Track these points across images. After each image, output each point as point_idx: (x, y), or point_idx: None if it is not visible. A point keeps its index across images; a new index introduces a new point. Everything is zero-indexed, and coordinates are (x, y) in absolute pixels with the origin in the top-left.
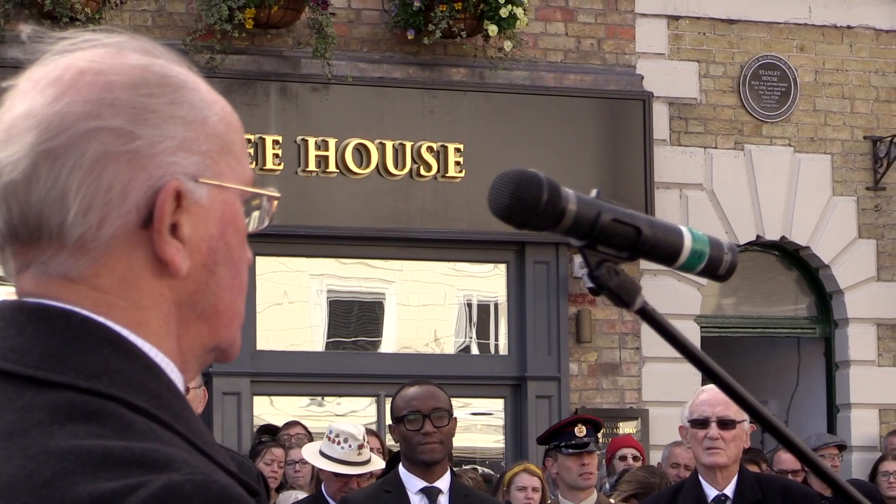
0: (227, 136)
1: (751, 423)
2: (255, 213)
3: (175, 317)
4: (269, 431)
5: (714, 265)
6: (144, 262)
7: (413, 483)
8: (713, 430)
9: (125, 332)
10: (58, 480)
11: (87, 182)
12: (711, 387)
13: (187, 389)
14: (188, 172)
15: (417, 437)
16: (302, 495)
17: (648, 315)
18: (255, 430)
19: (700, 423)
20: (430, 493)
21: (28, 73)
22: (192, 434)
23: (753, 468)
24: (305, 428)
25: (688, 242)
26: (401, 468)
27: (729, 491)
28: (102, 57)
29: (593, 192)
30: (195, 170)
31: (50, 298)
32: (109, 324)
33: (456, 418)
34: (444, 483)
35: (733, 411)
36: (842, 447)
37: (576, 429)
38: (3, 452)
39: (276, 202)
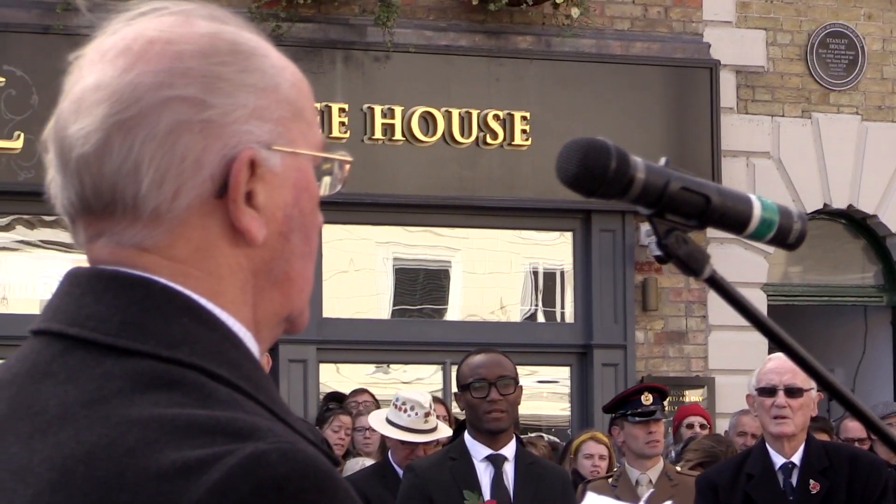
0: (299, 103)
1: (818, 391)
2: (327, 179)
3: (252, 286)
4: (336, 399)
5: (783, 234)
6: (220, 232)
7: (478, 451)
8: (780, 398)
9: (204, 302)
10: (141, 448)
11: (161, 153)
12: (779, 355)
13: None
14: (261, 140)
15: (483, 405)
16: (370, 462)
17: (717, 283)
18: (321, 397)
19: (767, 391)
20: (496, 461)
21: (95, 43)
22: (273, 404)
23: (823, 436)
24: (373, 395)
25: (757, 211)
26: (466, 436)
27: (796, 459)
28: (171, 26)
29: (662, 161)
30: (268, 138)
31: (126, 266)
32: (188, 292)
33: (522, 386)
34: (509, 451)
35: (801, 379)
36: None
37: (642, 397)
38: (83, 421)
39: (347, 166)
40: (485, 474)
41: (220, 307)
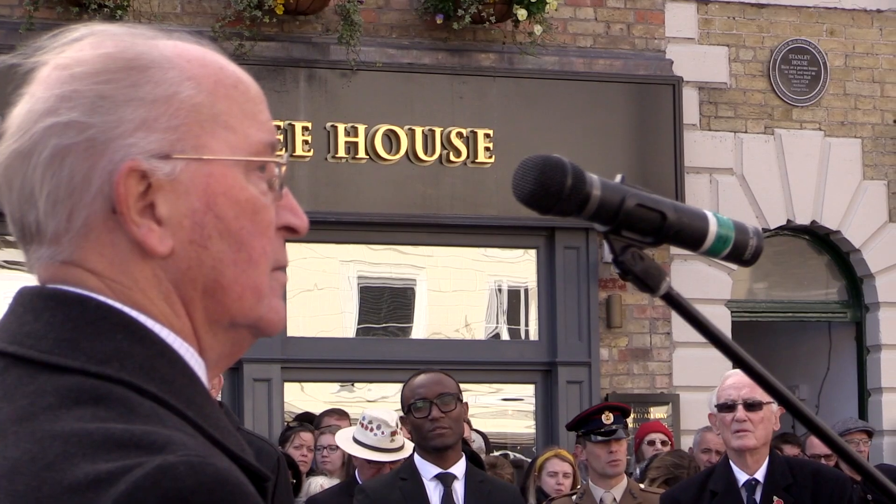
0: (214, 108)
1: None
2: (275, 180)
3: (178, 297)
4: (307, 419)
5: (739, 250)
6: (129, 246)
7: (428, 470)
8: (740, 412)
9: (140, 317)
10: (59, 463)
11: (49, 176)
12: (737, 371)
13: None
14: (148, 151)
15: (426, 424)
16: (327, 481)
17: (674, 300)
18: (285, 416)
19: (727, 407)
20: (445, 479)
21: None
22: (203, 419)
23: (794, 450)
24: (348, 416)
25: (713, 227)
26: (416, 456)
27: (759, 475)
28: (80, 49)
29: (618, 178)
30: (157, 147)
31: (64, 283)
32: (126, 309)
33: (466, 403)
34: (458, 469)
35: (759, 393)
36: (869, 433)
37: (603, 416)
38: (12, 437)
39: (284, 167)
40: (434, 493)
41: (153, 320)
